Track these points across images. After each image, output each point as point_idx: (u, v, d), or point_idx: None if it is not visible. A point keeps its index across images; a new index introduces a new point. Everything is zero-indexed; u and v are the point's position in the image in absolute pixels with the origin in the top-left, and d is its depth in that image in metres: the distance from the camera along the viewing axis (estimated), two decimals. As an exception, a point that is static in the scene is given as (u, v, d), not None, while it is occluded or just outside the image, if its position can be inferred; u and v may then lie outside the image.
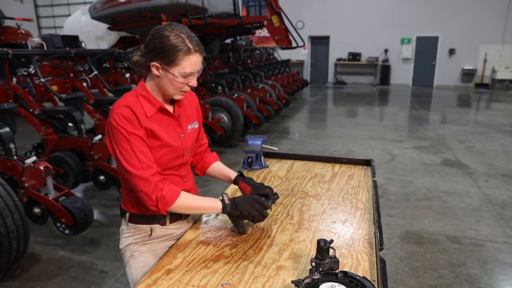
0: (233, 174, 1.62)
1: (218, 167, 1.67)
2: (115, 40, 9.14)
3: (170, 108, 1.40)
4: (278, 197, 1.55)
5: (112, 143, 1.28)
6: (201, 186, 4.57)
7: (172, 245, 1.40)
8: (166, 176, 1.40)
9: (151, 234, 1.44)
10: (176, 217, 1.47)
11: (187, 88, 1.33)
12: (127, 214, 1.44)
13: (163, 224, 1.44)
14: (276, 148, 2.30)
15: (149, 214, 1.41)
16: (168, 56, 1.24)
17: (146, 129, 1.30)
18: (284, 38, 7.54)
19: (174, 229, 1.48)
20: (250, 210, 1.36)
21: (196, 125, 1.50)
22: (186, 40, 1.24)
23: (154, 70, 1.28)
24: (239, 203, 1.36)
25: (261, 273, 1.18)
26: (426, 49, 15.89)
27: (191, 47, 1.25)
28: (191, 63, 1.27)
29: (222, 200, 1.38)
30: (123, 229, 1.48)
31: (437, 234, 3.45)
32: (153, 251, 1.44)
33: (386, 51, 16.39)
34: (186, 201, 1.33)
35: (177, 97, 1.35)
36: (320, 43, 17.31)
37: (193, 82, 1.32)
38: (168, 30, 1.25)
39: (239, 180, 1.58)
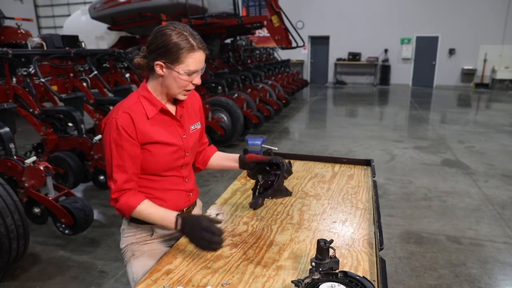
0: (237, 155, 1.62)
1: (220, 155, 1.67)
2: (115, 40, 9.16)
3: (172, 108, 1.40)
4: (263, 203, 1.54)
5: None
6: (201, 186, 4.57)
7: (173, 245, 1.40)
8: (168, 177, 1.40)
9: (152, 234, 1.44)
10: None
11: (191, 86, 1.34)
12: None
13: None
14: (276, 148, 2.30)
15: None
16: (172, 54, 1.24)
17: (144, 133, 1.30)
18: (284, 38, 7.54)
19: (175, 229, 1.48)
20: (195, 242, 1.23)
21: (198, 125, 1.51)
22: (189, 38, 1.25)
23: (158, 70, 1.28)
24: (186, 230, 1.25)
25: (261, 273, 1.18)
26: (426, 49, 15.87)
27: (194, 44, 1.26)
28: (195, 60, 1.27)
29: (176, 220, 1.28)
30: (124, 229, 1.47)
31: (437, 234, 3.45)
32: (154, 250, 1.44)
33: (386, 51, 16.38)
34: (141, 214, 1.33)
35: (181, 97, 1.35)
36: (320, 43, 17.30)
37: (197, 80, 1.33)
38: (170, 29, 1.25)
39: (246, 154, 1.57)
